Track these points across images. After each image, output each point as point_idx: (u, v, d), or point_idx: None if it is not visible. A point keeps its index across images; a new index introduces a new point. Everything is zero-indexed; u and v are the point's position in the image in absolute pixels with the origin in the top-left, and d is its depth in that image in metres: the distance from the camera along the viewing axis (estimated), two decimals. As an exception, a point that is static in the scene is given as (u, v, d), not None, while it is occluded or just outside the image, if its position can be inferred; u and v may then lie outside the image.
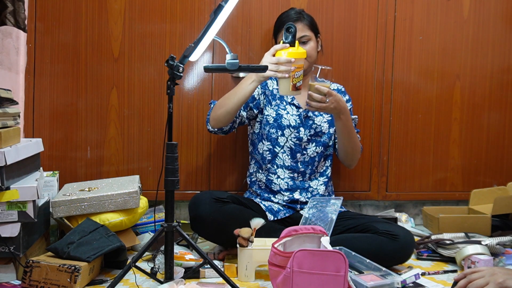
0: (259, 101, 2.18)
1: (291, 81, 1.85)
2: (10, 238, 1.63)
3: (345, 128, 2.06)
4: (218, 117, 2.05)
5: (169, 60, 1.54)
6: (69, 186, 2.12)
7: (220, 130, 2.11)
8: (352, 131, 2.10)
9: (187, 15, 2.38)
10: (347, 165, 2.24)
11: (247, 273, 1.77)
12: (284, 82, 1.87)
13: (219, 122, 2.07)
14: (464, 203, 2.53)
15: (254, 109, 2.17)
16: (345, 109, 2.00)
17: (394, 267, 1.89)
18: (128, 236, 2.01)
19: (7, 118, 1.70)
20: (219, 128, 2.10)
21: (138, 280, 1.71)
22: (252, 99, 2.16)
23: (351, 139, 2.11)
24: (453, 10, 2.55)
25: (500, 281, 1.42)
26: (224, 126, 2.09)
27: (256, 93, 2.16)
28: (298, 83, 1.87)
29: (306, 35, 2.12)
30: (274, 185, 2.16)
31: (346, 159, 2.19)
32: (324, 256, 1.45)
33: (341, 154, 2.19)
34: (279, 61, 1.84)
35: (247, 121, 2.20)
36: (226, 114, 2.03)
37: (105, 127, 2.36)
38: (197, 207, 1.92)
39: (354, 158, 2.20)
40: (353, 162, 2.22)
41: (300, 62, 1.86)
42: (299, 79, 1.86)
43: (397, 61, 2.52)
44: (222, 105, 2.04)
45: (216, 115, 2.06)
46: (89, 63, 2.34)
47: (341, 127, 2.05)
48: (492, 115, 2.61)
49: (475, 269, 1.51)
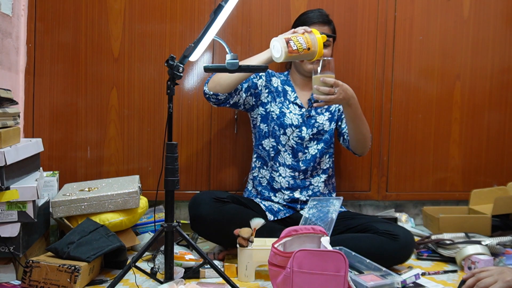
0: (260, 92, 2.16)
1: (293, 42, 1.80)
2: (10, 238, 1.63)
3: (355, 115, 2.00)
4: (219, 79, 1.99)
5: (169, 60, 1.54)
6: (69, 186, 2.12)
7: (215, 96, 2.02)
8: (362, 117, 2.05)
9: (187, 15, 2.38)
10: (360, 153, 2.17)
11: (247, 273, 1.77)
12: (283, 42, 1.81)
13: (218, 86, 2.00)
14: (464, 203, 2.53)
15: (253, 97, 2.16)
16: (353, 97, 1.95)
17: (394, 267, 1.89)
18: (128, 236, 2.01)
19: (7, 118, 1.70)
20: (215, 92, 2.01)
21: (138, 280, 1.71)
22: (255, 87, 2.14)
23: (362, 125, 2.05)
24: (453, 10, 2.55)
25: (509, 279, 1.43)
26: (222, 93, 2.01)
27: (260, 83, 2.16)
28: (294, 46, 1.80)
29: (329, 40, 2.14)
30: (276, 182, 2.16)
31: (358, 147, 2.13)
32: (324, 256, 1.45)
33: (352, 142, 2.13)
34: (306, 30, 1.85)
35: (242, 107, 2.15)
36: (227, 78, 1.96)
37: (105, 127, 2.36)
38: (197, 207, 1.92)
39: (366, 145, 2.13)
40: (365, 150, 2.15)
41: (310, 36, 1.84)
42: (299, 44, 1.80)
43: (397, 61, 2.52)
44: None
45: (218, 77, 1.99)
46: (89, 63, 2.34)
47: (351, 114, 2.00)
48: (492, 115, 2.61)
49: (484, 268, 1.52)
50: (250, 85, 2.13)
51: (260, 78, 2.16)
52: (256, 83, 2.15)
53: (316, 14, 2.16)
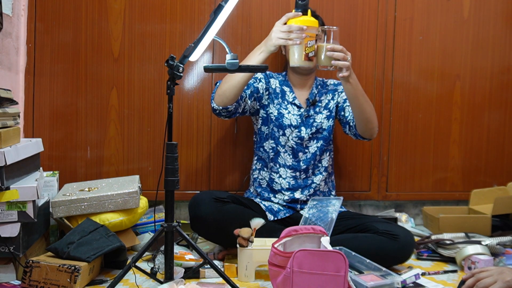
0: (262, 95, 2.16)
1: (304, 50, 1.77)
2: (10, 238, 1.63)
3: (357, 92, 1.94)
4: (224, 92, 1.96)
5: (169, 60, 1.54)
6: (69, 186, 2.12)
7: (225, 110, 2.00)
8: (364, 95, 1.98)
9: (187, 15, 2.38)
10: (368, 136, 2.09)
11: (247, 273, 1.77)
12: (295, 51, 1.79)
13: (225, 98, 1.97)
14: (464, 203, 2.53)
15: (257, 101, 2.15)
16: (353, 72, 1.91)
17: (394, 267, 1.89)
18: (128, 236, 2.01)
19: (7, 118, 1.70)
20: (224, 106, 1.99)
21: (138, 280, 1.71)
22: (257, 91, 2.14)
23: (366, 103, 1.98)
24: (453, 10, 2.55)
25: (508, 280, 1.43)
26: (230, 104, 1.98)
27: (260, 86, 2.15)
28: (311, 53, 1.78)
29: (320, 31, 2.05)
30: (276, 184, 2.16)
31: (366, 127, 2.04)
32: (324, 256, 1.45)
33: (359, 125, 2.04)
34: (290, 28, 1.78)
35: (248, 112, 2.15)
36: (232, 88, 1.94)
37: (105, 127, 2.36)
38: (197, 207, 1.92)
39: (373, 126, 2.05)
40: (373, 131, 2.07)
41: (312, 31, 1.78)
42: (312, 48, 1.77)
43: (397, 61, 2.52)
44: (229, 80, 1.96)
45: (222, 90, 1.97)
46: (89, 63, 2.34)
47: (352, 92, 1.93)
48: (492, 115, 2.61)
49: (483, 268, 1.52)
50: (253, 90, 2.12)
51: (260, 81, 2.16)
52: (257, 87, 2.14)
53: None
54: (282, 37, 1.79)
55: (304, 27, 1.78)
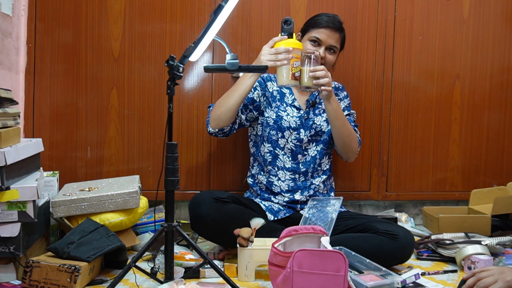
0: (259, 103, 2.17)
1: (290, 70, 1.87)
2: (10, 238, 1.63)
3: (338, 112, 2.03)
4: (219, 116, 2.04)
5: (169, 60, 1.54)
6: (69, 186, 2.12)
7: (221, 131, 2.09)
8: (344, 118, 2.07)
9: (187, 15, 2.38)
10: (346, 158, 2.18)
11: (247, 273, 1.77)
12: (283, 71, 1.89)
13: (220, 122, 2.05)
14: (464, 203, 2.53)
15: (254, 111, 2.17)
16: (333, 92, 2.02)
17: (394, 267, 1.89)
18: (128, 236, 2.01)
19: (7, 118, 1.70)
20: (219, 128, 2.07)
21: (138, 280, 1.72)
22: (252, 101, 2.15)
23: (345, 124, 2.07)
24: (453, 10, 2.55)
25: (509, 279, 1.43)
26: (225, 126, 2.07)
27: (256, 95, 2.16)
28: (297, 73, 1.89)
29: (336, 47, 2.13)
30: (275, 186, 2.16)
31: (344, 149, 2.13)
32: (324, 256, 1.45)
33: (338, 144, 2.13)
34: (277, 51, 1.87)
35: (247, 124, 2.18)
36: (227, 112, 2.02)
37: (105, 127, 2.36)
38: (197, 207, 1.92)
39: (352, 147, 2.13)
40: (351, 154, 2.16)
41: (297, 53, 1.89)
42: (297, 69, 1.89)
43: (397, 61, 2.52)
44: (222, 104, 2.03)
45: (217, 114, 2.05)
46: (89, 63, 2.34)
47: (332, 111, 2.01)
48: (492, 115, 2.61)
49: (484, 268, 1.52)
50: (246, 103, 2.14)
51: (256, 90, 2.16)
52: (252, 97, 2.15)
53: (331, 19, 2.12)
54: (271, 59, 1.88)
55: (290, 48, 1.87)
